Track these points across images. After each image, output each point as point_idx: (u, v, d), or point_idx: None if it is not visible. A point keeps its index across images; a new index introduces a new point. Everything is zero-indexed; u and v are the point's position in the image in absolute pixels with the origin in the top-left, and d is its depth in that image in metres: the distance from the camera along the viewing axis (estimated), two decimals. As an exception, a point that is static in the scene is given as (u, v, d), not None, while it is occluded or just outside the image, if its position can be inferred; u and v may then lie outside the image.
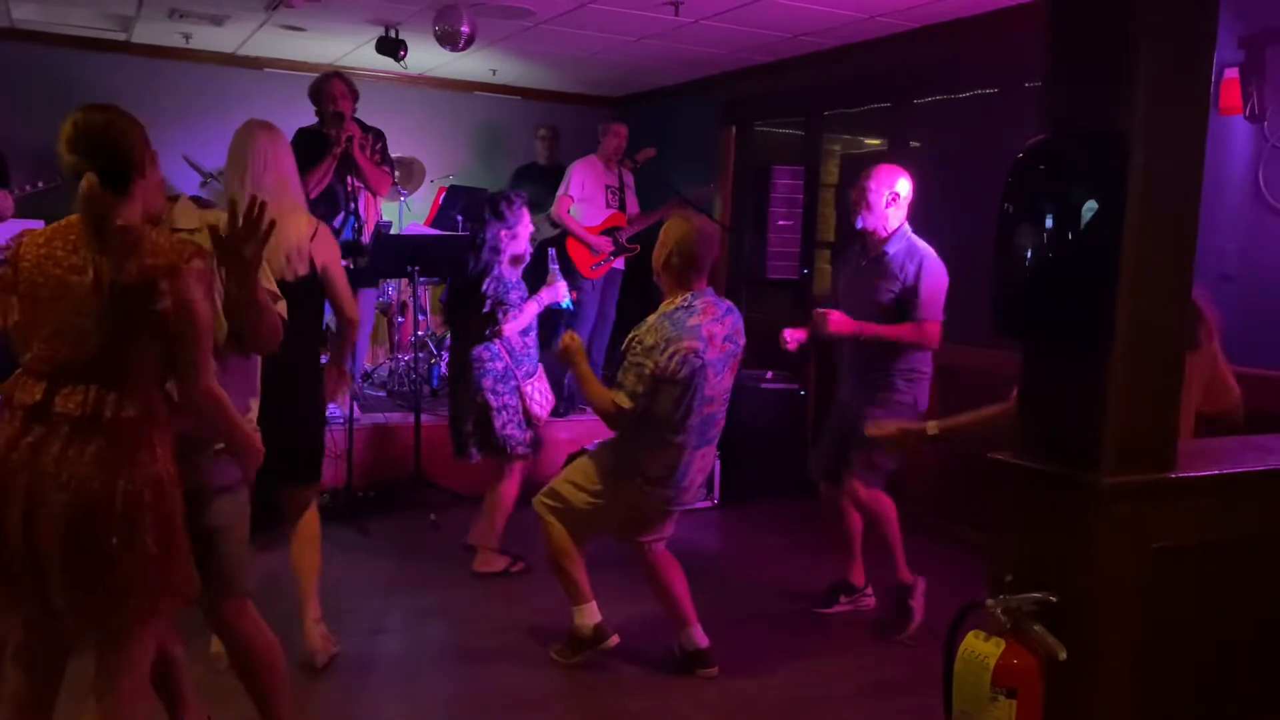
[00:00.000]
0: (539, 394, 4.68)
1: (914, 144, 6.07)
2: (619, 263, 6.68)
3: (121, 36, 7.04)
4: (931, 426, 3.28)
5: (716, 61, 6.94)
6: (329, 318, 3.77)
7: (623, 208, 6.70)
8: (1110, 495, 1.81)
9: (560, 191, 6.52)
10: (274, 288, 2.57)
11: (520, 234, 4.55)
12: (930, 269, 3.94)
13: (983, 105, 5.55)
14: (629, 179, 6.80)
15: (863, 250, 4.13)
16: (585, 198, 6.54)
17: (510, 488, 4.60)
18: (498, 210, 4.51)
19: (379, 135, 5.70)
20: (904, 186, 4.02)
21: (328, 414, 3.89)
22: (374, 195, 5.69)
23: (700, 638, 3.68)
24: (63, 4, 6.20)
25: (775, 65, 6.83)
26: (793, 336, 4.17)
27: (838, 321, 3.97)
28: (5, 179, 5.52)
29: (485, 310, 4.45)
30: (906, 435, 3.40)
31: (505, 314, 4.47)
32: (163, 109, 7.00)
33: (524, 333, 4.61)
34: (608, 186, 6.65)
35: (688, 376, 3.42)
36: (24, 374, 2.27)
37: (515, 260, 4.57)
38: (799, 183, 6.55)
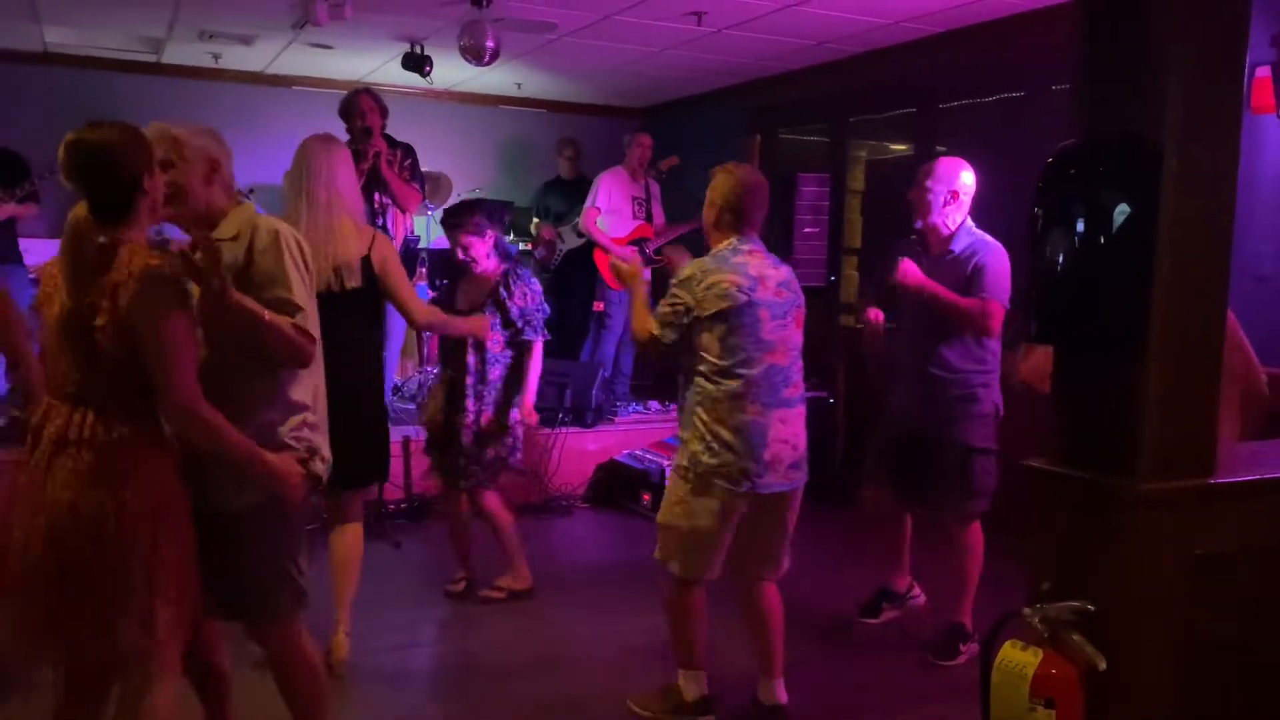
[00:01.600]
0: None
1: (940, 148, 6.04)
2: (646, 274, 6.67)
3: (152, 58, 7.14)
4: None
5: (740, 70, 6.94)
6: None
7: (649, 219, 6.71)
8: (1148, 502, 1.78)
9: (587, 203, 6.55)
10: (293, 297, 2.45)
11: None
12: (991, 255, 3.73)
13: (1010, 108, 5.51)
14: (655, 190, 6.81)
15: (924, 249, 3.90)
16: (612, 209, 6.56)
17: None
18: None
19: (409, 151, 5.73)
20: (965, 181, 3.81)
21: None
22: (401, 211, 5.72)
23: (781, 693, 3.34)
24: (94, 27, 6.30)
25: (799, 73, 6.82)
26: (874, 313, 3.97)
27: (908, 269, 3.73)
28: (23, 181, 5.61)
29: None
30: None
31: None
32: (193, 128, 7.08)
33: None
34: (634, 198, 6.66)
35: (731, 312, 3.13)
36: (45, 392, 2.37)
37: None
38: (825, 190, 6.52)
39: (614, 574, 4.80)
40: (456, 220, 4.24)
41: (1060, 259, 1.78)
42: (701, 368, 3.19)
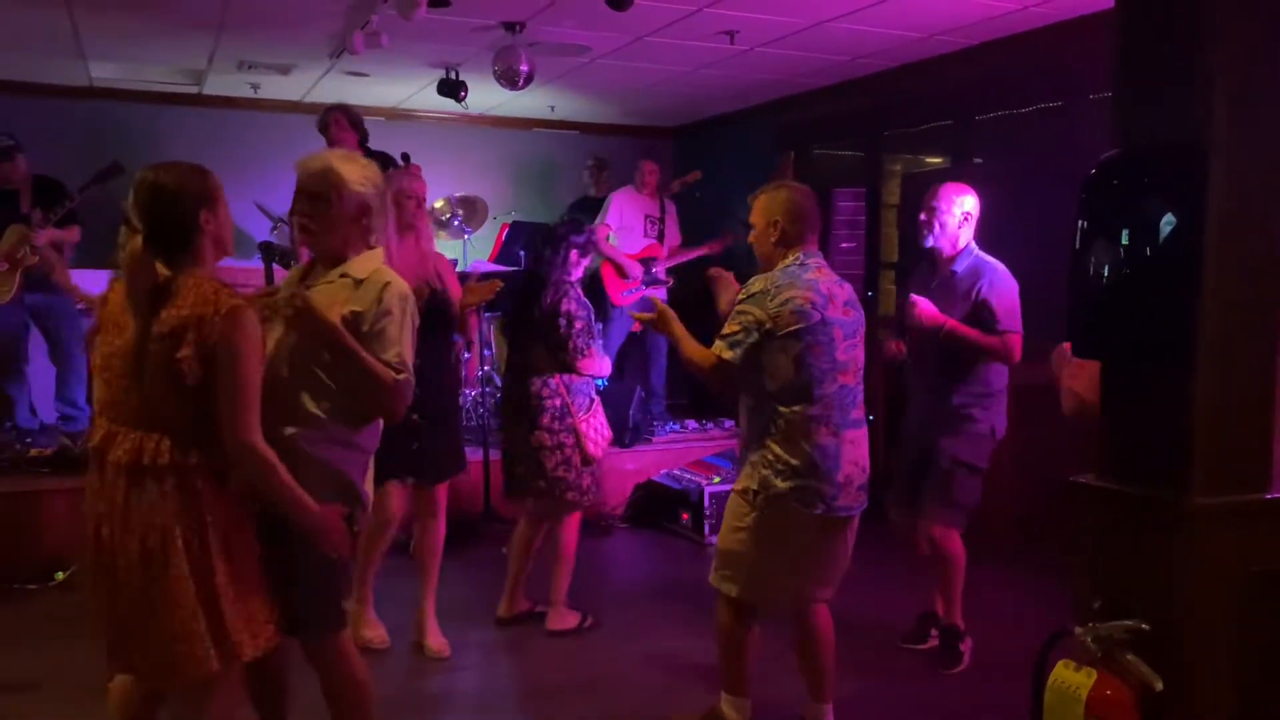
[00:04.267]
0: (594, 430, 4.28)
1: (977, 160, 5.99)
2: (660, 292, 6.66)
3: (194, 89, 7.29)
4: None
5: (773, 87, 6.94)
6: None
7: (661, 238, 6.74)
8: (1202, 517, 1.74)
9: (598, 220, 6.58)
10: (405, 361, 2.59)
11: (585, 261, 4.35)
12: (999, 283, 3.85)
13: (1047, 118, 5.46)
14: (671, 209, 6.85)
15: (931, 270, 4.03)
16: (624, 226, 6.64)
17: (569, 535, 4.28)
18: (575, 230, 4.31)
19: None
20: (972, 203, 3.95)
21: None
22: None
23: (829, 718, 3.28)
24: (138, 61, 6.44)
25: (833, 88, 6.81)
26: (896, 346, 4.09)
27: (926, 310, 3.80)
28: (56, 205, 5.58)
29: (563, 342, 4.10)
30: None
31: (587, 350, 4.16)
32: (233, 157, 7.20)
33: None
34: (647, 216, 6.72)
35: (806, 331, 3.01)
36: (95, 415, 2.41)
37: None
38: (860, 204, 6.50)
39: (655, 594, 4.77)
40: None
41: (1105, 271, 1.75)
42: (771, 388, 3.06)
